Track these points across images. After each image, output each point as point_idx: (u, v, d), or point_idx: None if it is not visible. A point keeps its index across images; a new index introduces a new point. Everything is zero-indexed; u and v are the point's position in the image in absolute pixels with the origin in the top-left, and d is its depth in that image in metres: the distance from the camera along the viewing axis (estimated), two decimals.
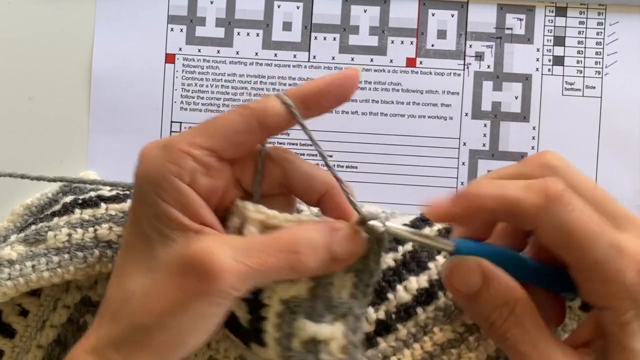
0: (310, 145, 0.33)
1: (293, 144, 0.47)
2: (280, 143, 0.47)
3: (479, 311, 0.32)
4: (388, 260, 0.37)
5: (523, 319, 0.31)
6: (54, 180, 0.40)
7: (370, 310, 0.36)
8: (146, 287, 0.31)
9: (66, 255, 0.37)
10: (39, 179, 0.40)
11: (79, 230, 0.38)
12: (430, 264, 0.37)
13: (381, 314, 0.36)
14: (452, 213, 0.31)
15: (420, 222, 0.39)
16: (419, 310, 0.36)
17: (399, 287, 0.37)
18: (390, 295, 0.37)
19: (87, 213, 0.39)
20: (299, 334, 0.32)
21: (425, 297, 0.37)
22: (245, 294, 0.31)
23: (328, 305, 0.32)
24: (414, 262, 0.37)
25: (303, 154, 0.45)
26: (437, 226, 0.39)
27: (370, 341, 0.35)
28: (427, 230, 0.39)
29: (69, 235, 0.38)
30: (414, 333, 0.36)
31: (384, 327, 0.36)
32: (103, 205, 0.39)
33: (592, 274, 0.29)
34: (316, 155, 0.34)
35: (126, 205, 0.39)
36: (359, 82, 0.34)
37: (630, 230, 0.30)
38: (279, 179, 0.34)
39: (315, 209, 0.35)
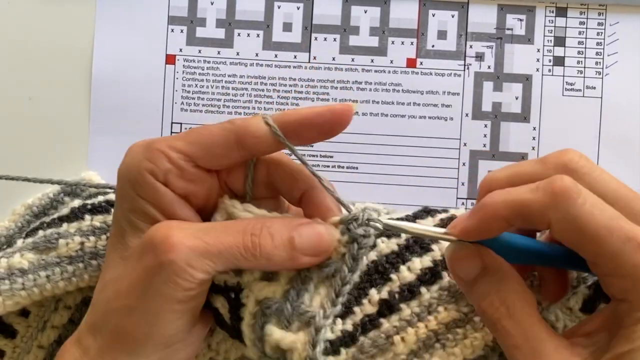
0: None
1: None
2: None
3: (474, 298, 0.32)
4: (391, 244, 0.36)
5: (515, 311, 0.30)
6: (32, 180, 0.40)
7: (373, 291, 0.35)
8: (118, 273, 0.32)
9: (80, 264, 0.38)
10: (18, 179, 0.40)
11: (92, 238, 0.38)
12: (434, 247, 0.36)
13: (384, 294, 0.35)
14: (471, 226, 0.31)
15: (423, 212, 0.39)
16: (423, 289, 0.35)
17: (403, 268, 0.36)
18: (393, 276, 0.35)
19: (98, 220, 0.39)
20: (267, 339, 0.32)
21: (429, 276, 0.35)
22: (206, 277, 0.31)
23: (296, 311, 0.32)
24: (417, 245, 0.36)
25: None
26: (440, 216, 0.39)
27: (372, 323, 0.34)
28: (429, 220, 0.38)
29: (82, 243, 0.38)
30: (418, 312, 0.35)
31: (387, 307, 0.35)
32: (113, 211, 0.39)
33: (608, 268, 0.29)
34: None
35: None
36: (352, 114, 0.32)
37: None
38: (264, 179, 0.35)
39: None
